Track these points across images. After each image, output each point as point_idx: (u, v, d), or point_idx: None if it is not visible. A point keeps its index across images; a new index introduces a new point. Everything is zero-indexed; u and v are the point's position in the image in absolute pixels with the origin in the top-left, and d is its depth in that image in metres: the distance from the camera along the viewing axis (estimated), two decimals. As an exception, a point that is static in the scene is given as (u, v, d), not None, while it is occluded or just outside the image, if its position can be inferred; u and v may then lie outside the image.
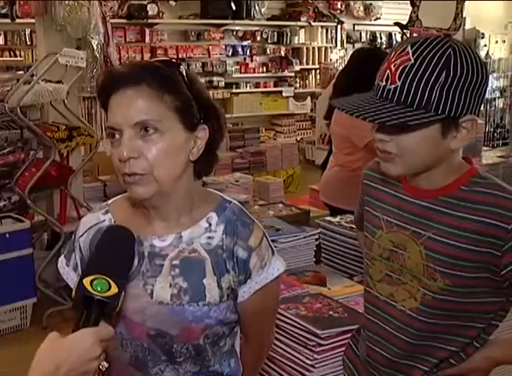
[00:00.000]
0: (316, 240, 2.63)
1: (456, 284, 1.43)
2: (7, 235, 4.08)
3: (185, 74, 1.39)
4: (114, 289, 1.15)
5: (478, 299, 1.46)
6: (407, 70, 1.34)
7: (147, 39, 8.59)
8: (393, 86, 1.35)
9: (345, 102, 1.44)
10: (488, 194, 1.41)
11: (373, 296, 1.60)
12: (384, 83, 1.37)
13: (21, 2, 7.24)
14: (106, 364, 1.17)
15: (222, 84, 9.34)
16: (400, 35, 10.45)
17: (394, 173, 1.47)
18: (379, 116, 1.34)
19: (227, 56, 9.45)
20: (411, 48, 1.35)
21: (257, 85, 9.88)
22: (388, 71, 1.37)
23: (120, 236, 1.29)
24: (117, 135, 1.35)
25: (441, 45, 1.34)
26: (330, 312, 2.06)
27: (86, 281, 1.15)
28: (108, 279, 1.16)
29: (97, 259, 1.24)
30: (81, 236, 1.54)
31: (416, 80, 1.33)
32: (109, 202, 1.57)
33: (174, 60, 1.41)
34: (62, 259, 1.59)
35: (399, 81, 1.35)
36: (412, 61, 1.34)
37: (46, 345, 1.12)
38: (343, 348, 1.95)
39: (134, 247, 1.29)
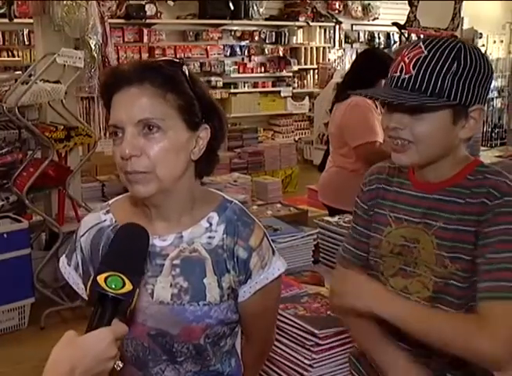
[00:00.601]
0: (314, 240, 2.63)
1: (465, 269, 1.47)
2: (5, 235, 4.07)
3: (187, 73, 1.39)
4: (129, 286, 1.14)
5: None
6: (421, 60, 1.42)
7: (145, 39, 8.58)
8: (408, 75, 1.44)
9: (362, 91, 1.56)
10: (488, 179, 1.48)
11: None
12: (399, 73, 1.45)
13: (19, 2, 7.24)
14: (120, 364, 1.17)
15: (220, 84, 9.34)
16: (398, 35, 10.47)
17: (407, 162, 1.51)
18: (398, 98, 1.41)
19: (225, 55, 9.45)
20: (423, 44, 1.44)
21: (255, 85, 9.88)
22: (402, 63, 1.45)
23: (135, 234, 1.28)
24: (119, 134, 1.35)
25: (450, 41, 1.44)
26: (328, 312, 2.06)
27: (100, 278, 1.13)
28: (122, 276, 1.15)
29: (111, 256, 1.22)
30: (82, 235, 1.54)
31: (430, 69, 1.41)
32: (110, 202, 1.57)
33: (177, 60, 1.41)
34: (63, 259, 1.59)
35: (414, 70, 1.43)
36: (426, 53, 1.43)
37: (62, 345, 1.10)
38: (341, 348, 1.96)
39: (148, 244, 1.28)
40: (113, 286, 1.13)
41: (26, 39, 7.90)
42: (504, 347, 1.37)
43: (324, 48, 10.46)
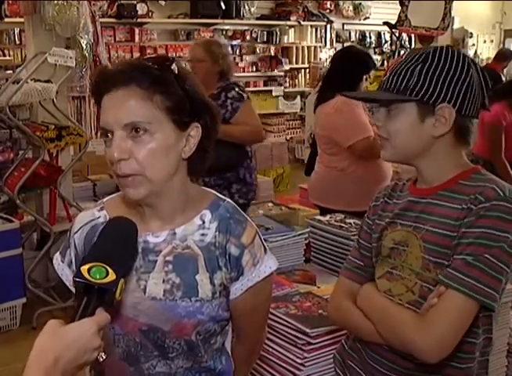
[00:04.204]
0: (306, 239, 2.63)
1: None
2: (-4, 235, 4.06)
3: (177, 71, 1.38)
4: (112, 276, 1.14)
5: None
6: (396, 63, 1.54)
7: (137, 39, 8.57)
8: (385, 77, 1.55)
9: (352, 93, 1.71)
10: (477, 186, 1.49)
11: None
12: (383, 77, 1.57)
13: (10, 1, 7.22)
14: (103, 355, 1.17)
15: (212, 83, 9.32)
16: (389, 35, 10.49)
17: (386, 157, 1.62)
18: (366, 96, 1.62)
19: (217, 55, 9.44)
20: (407, 52, 1.57)
21: (246, 84, 9.87)
22: (387, 69, 1.57)
23: (121, 226, 1.29)
24: (109, 135, 1.36)
25: (435, 46, 1.54)
26: (320, 311, 2.07)
27: (84, 268, 1.14)
28: (106, 266, 1.15)
29: (97, 247, 1.23)
30: (76, 232, 1.55)
31: (399, 69, 1.52)
32: (104, 200, 1.58)
33: (166, 58, 1.40)
34: (57, 255, 1.60)
35: (389, 73, 1.54)
36: (403, 58, 1.54)
37: (46, 335, 1.10)
38: (332, 347, 1.96)
39: (135, 236, 1.29)
40: (97, 276, 1.14)
41: (17, 38, 7.87)
42: (439, 342, 1.40)
43: (315, 47, 10.48)
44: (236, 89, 3.88)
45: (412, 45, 9.52)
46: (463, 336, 1.45)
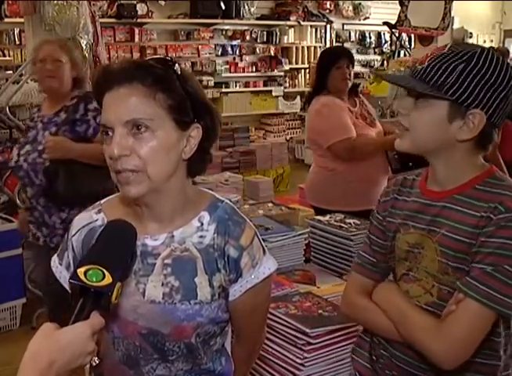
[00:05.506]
0: (305, 239, 2.63)
1: None
2: (-4, 235, 4.06)
3: (179, 72, 1.39)
4: (108, 279, 1.14)
5: None
6: (438, 55, 1.48)
7: (136, 39, 8.58)
8: (421, 66, 1.50)
9: (385, 75, 1.71)
10: (496, 194, 1.47)
11: None
12: (418, 65, 1.52)
13: (10, 1, 7.22)
14: (97, 360, 1.17)
15: (212, 83, 9.33)
16: (389, 35, 10.51)
17: (402, 148, 1.58)
18: (399, 82, 1.55)
19: (216, 55, 9.45)
20: (451, 45, 1.51)
21: (246, 85, 9.89)
22: (426, 57, 1.51)
23: (119, 229, 1.29)
24: (110, 133, 1.35)
25: (478, 46, 1.51)
26: (320, 311, 2.07)
27: (80, 271, 1.14)
28: (103, 269, 1.14)
29: (95, 250, 1.23)
30: (74, 235, 1.54)
31: (439, 62, 1.47)
32: (102, 201, 1.57)
33: (169, 59, 1.40)
34: (55, 258, 1.59)
35: (427, 62, 1.49)
36: (446, 51, 1.48)
37: (40, 337, 1.10)
38: (332, 347, 1.96)
39: (134, 239, 1.29)
40: (94, 279, 1.13)
41: (17, 38, 7.87)
42: (454, 349, 1.42)
43: (315, 47, 10.48)
44: None
45: (412, 45, 9.52)
46: (487, 334, 1.46)
